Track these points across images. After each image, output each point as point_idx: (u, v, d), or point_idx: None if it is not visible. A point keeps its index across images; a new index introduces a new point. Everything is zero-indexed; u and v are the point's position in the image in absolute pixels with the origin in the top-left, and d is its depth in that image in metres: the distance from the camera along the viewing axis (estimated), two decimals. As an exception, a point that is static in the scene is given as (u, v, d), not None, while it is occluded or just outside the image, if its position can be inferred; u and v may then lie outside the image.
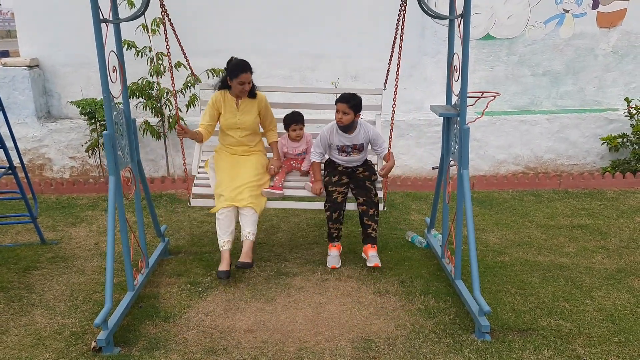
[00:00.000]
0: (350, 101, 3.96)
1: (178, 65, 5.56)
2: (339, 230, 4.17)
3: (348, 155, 4.18)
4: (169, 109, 5.99)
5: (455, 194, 3.63)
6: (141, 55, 5.72)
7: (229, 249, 3.90)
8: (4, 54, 10.01)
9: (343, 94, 4.02)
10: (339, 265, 4.07)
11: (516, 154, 6.45)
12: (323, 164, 4.38)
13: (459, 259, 3.63)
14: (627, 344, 3.11)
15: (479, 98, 4.14)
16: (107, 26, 3.21)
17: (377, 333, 3.26)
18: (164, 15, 3.62)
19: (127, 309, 3.40)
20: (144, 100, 5.80)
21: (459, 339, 3.17)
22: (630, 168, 6.14)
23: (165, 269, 4.10)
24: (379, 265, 3.89)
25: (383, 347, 3.11)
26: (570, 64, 6.48)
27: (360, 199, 4.09)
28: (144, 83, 5.76)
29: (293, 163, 4.43)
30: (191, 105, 5.89)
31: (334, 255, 4.12)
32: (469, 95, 3.41)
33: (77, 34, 5.97)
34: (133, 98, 5.64)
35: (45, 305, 3.59)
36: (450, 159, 3.77)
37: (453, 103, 3.78)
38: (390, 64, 4.22)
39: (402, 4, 3.72)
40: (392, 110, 4.10)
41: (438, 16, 3.58)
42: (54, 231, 4.87)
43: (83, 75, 6.30)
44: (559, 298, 3.62)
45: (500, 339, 3.16)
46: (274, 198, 4.17)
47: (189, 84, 5.77)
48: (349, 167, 4.23)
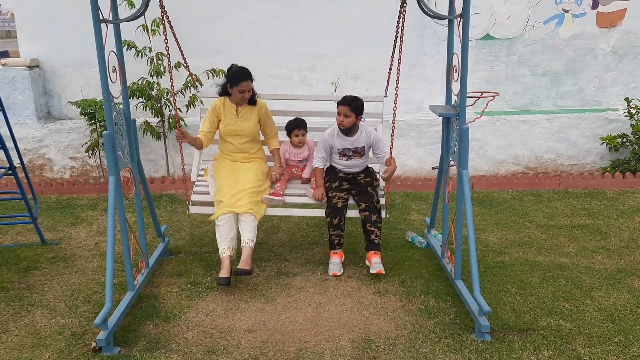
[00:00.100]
0: (352, 104, 3.93)
1: (178, 65, 5.57)
2: (341, 238, 4.08)
3: (349, 159, 4.13)
4: (169, 109, 5.99)
5: (455, 194, 3.63)
6: (141, 56, 5.72)
7: (230, 256, 3.82)
8: (4, 54, 10.03)
9: (345, 97, 3.99)
10: (340, 272, 3.98)
11: (516, 154, 6.46)
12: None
13: (459, 259, 3.63)
14: (627, 343, 3.12)
15: (479, 98, 4.13)
16: (107, 26, 3.21)
17: (378, 333, 3.26)
18: (164, 16, 3.62)
19: (127, 309, 3.40)
20: (144, 101, 5.80)
21: (459, 339, 3.17)
22: (630, 168, 6.14)
23: (165, 269, 4.11)
24: (383, 272, 3.82)
25: (383, 347, 3.12)
26: (570, 64, 6.48)
27: (362, 205, 4.02)
28: (144, 83, 5.77)
29: (294, 170, 4.37)
30: (191, 105, 5.89)
31: (335, 263, 4.02)
32: (468, 95, 3.41)
33: (77, 34, 5.98)
34: (133, 98, 5.64)
35: (46, 305, 3.60)
36: (450, 159, 3.77)
37: (452, 103, 3.78)
38: (390, 71, 4.19)
39: (402, 5, 3.71)
40: (394, 113, 4.04)
41: (437, 16, 3.58)
42: (54, 231, 4.87)
43: (83, 76, 6.30)
44: (559, 298, 3.62)
45: (500, 338, 3.16)
46: (274, 205, 4.12)
47: (189, 84, 5.77)
48: (350, 173, 4.17)
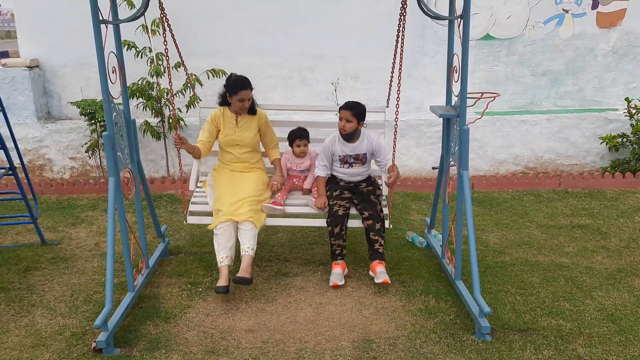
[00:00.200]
0: (354, 108, 3.88)
1: (178, 65, 5.56)
2: (342, 248, 3.91)
3: (350, 166, 4.06)
4: (169, 109, 5.99)
5: (455, 194, 3.63)
6: (141, 56, 5.72)
7: (228, 265, 3.68)
8: (4, 54, 10.03)
9: (347, 102, 3.94)
10: (342, 283, 3.79)
11: (516, 154, 6.46)
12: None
13: (459, 259, 3.63)
14: (628, 343, 3.12)
15: (479, 99, 4.13)
16: (107, 27, 3.21)
17: (378, 333, 3.26)
18: (163, 18, 3.61)
19: (128, 310, 3.40)
20: (144, 101, 5.80)
21: (460, 339, 3.17)
22: (630, 168, 6.14)
23: (165, 270, 4.11)
24: (388, 282, 3.65)
25: (384, 347, 3.12)
26: (570, 64, 6.48)
27: (365, 213, 3.90)
28: (143, 84, 5.76)
29: (296, 181, 4.30)
30: (191, 105, 5.89)
31: (337, 273, 3.83)
32: (468, 96, 3.41)
33: (77, 34, 5.97)
34: (133, 99, 5.64)
35: (46, 305, 3.60)
36: (451, 160, 3.77)
37: (453, 104, 3.78)
38: (391, 79, 4.12)
39: (403, 6, 3.67)
40: (396, 118, 3.92)
41: (438, 17, 3.58)
42: (54, 232, 4.87)
43: (83, 76, 6.30)
44: (560, 298, 3.62)
45: (500, 339, 3.17)
46: (274, 215, 4.03)
47: (189, 85, 5.76)
48: (352, 182, 4.10)
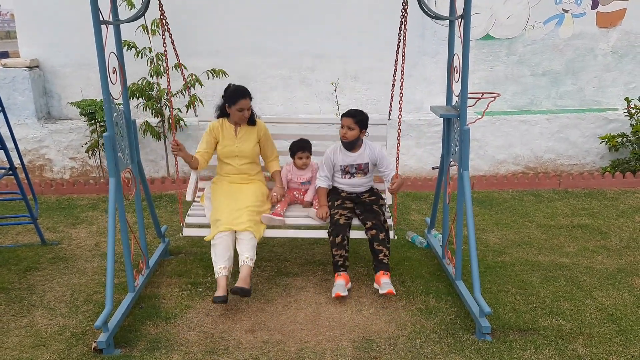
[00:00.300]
0: (356, 116, 3.83)
1: (178, 65, 5.56)
2: (345, 259, 3.72)
3: (352, 177, 3.98)
4: (169, 109, 5.98)
5: (456, 194, 3.63)
6: (141, 56, 5.72)
7: (226, 276, 3.50)
8: (4, 54, 10.03)
9: (349, 109, 3.89)
10: (344, 294, 3.57)
11: (516, 154, 6.46)
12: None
13: (459, 259, 3.63)
14: (628, 343, 3.12)
15: (479, 99, 4.13)
16: (107, 27, 3.21)
17: (378, 333, 3.26)
18: (163, 21, 3.59)
19: (128, 310, 3.40)
20: (144, 101, 5.80)
21: (460, 339, 3.18)
22: (630, 168, 6.14)
23: (165, 270, 4.11)
24: (394, 292, 3.49)
25: (384, 347, 3.12)
26: (570, 64, 6.48)
27: (368, 223, 3.76)
28: (144, 84, 5.76)
29: (296, 194, 4.18)
30: (191, 105, 5.88)
31: (339, 285, 3.63)
32: (469, 96, 3.41)
33: (77, 34, 5.99)
34: (133, 99, 5.64)
35: (46, 305, 3.60)
36: (451, 160, 3.77)
37: (453, 104, 3.78)
38: (393, 92, 4.06)
39: (403, 7, 3.64)
40: (399, 122, 3.81)
41: (438, 17, 3.57)
42: (55, 232, 4.87)
43: (83, 76, 6.30)
44: (560, 298, 3.63)
45: (501, 338, 3.17)
46: (274, 226, 3.88)
47: (189, 85, 5.76)
48: (354, 193, 4.01)
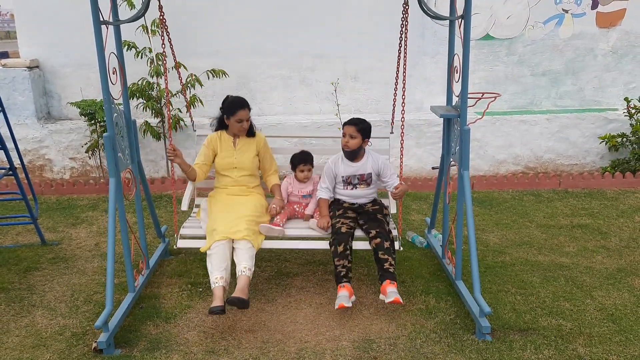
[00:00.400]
0: (358, 124, 3.74)
1: (178, 66, 5.56)
2: (348, 270, 3.50)
3: (354, 187, 3.84)
4: (169, 109, 5.98)
5: (456, 194, 3.63)
6: (141, 56, 5.71)
7: (223, 287, 3.31)
8: (4, 55, 10.02)
9: (352, 118, 3.81)
10: (349, 305, 3.32)
11: (516, 154, 6.46)
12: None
13: (459, 259, 3.63)
14: (628, 343, 3.12)
15: (479, 99, 4.13)
16: (107, 27, 3.21)
17: (378, 333, 3.26)
18: (161, 20, 3.59)
19: (128, 310, 3.40)
20: (144, 101, 5.80)
21: (460, 339, 3.18)
22: (629, 168, 6.14)
23: (166, 270, 4.11)
24: (401, 301, 3.29)
25: (384, 347, 3.12)
26: (570, 64, 6.48)
27: (372, 232, 3.59)
28: (144, 84, 5.76)
29: (296, 207, 4.01)
30: (192, 105, 5.88)
31: (343, 296, 3.37)
32: (469, 96, 3.41)
33: (77, 34, 5.99)
34: (133, 99, 5.64)
35: (46, 306, 3.60)
36: (451, 160, 3.77)
37: (453, 104, 3.78)
38: (395, 105, 3.99)
39: (404, 7, 3.62)
40: (402, 124, 3.77)
41: (438, 17, 3.57)
42: (55, 232, 4.87)
43: (83, 76, 6.30)
44: (560, 298, 3.63)
45: (501, 338, 3.17)
46: (273, 237, 3.71)
47: (189, 85, 5.77)
48: (356, 204, 3.87)
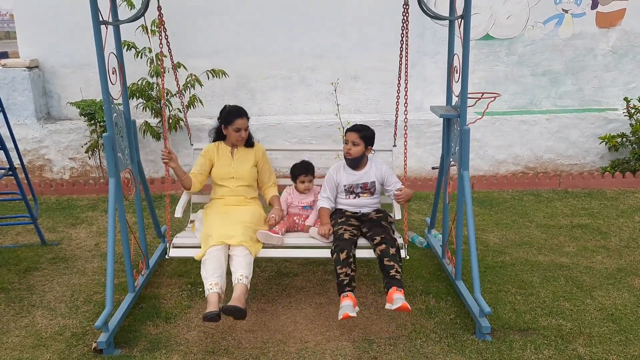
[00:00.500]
0: (361, 131, 3.64)
1: (178, 66, 5.56)
2: (351, 279, 3.27)
3: (357, 197, 3.72)
4: (169, 109, 5.99)
5: (456, 194, 3.63)
6: (141, 56, 5.71)
7: (218, 293, 3.12)
8: (4, 55, 10.03)
9: (354, 124, 3.72)
10: (353, 314, 3.12)
11: (516, 154, 6.46)
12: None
13: (459, 259, 3.63)
14: (628, 343, 3.12)
15: (479, 99, 4.13)
16: (107, 28, 3.21)
17: (378, 333, 3.26)
18: (160, 21, 3.59)
19: (128, 311, 3.40)
20: (144, 101, 5.80)
21: (460, 339, 3.18)
22: (629, 168, 6.14)
23: (165, 270, 4.10)
24: (409, 308, 3.09)
25: (384, 347, 3.12)
26: (570, 64, 6.49)
27: (377, 238, 3.41)
28: (143, 84, 5.76)
29: (296, 219, 3.83)
30: (191, 105, 5.89)
31: (347, 305, 3.16)
32: (469, 96, 3.41)
33: (77, 35, 5.99)
34: (133, 99, 5.64)
35: (46, 306, 3.60)
36: (451, 160, 3.77)
37: (453, 104, 3.78)
38: (397, 116, 3.95)
39: (405, 7, 3.57)
40: (405, 124, 3.64)
41: (438, 17, 3.57)
42: (54, 232, 4.87)
43: (83, 76, 6.30)
44: (560, 298, 3.63)
45: (501, 338, 3.17)
46: (271, 245, 3.54)
47: (189, 85, 5.77)
48: (359, 212, 3.74)
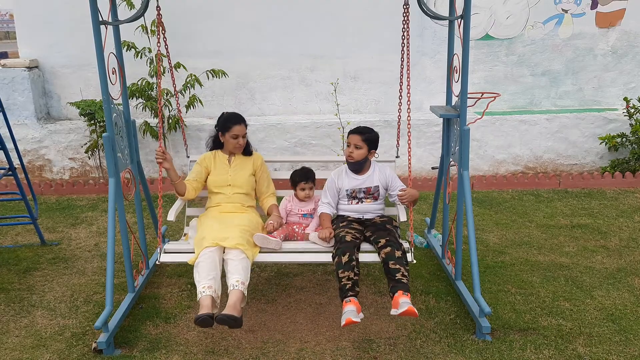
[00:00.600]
0: (364, 133, 3.48)
1: (177, 66, 5.57)
2: (354, 283, 3.09)
3: (360, 202, 3.55)
4: (169, 109, 5.99)
5: (456, 194, 3.64)
6: (140, 56, 5.72)
7: (211, 296, 2.96)
8: (3, 55, 10.03)
9: (357, 126, 3.58)
10: (357, 320, 2.95)
11: (516, 153, 6.46)
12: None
13: (459, 259, 3.63)
14: (628, 343, 3.12)
15: (479, 99, 4.13)
16: (107, 28, 3.21)
17: (378, 333, 3.26)
18: (159, 21, 3.59)
19: (128, 311, 3.40)
20: (144, 101, 5.80)
21: (460, 339, 3.18)
22: (629, 168, 6.15)
23: (165, 270, 4.10)
24: (416, 312, 2.92)
25: (384, 347, 3.12)
26: (570, 64, 6.49)
27: (381, 241, 3.24)
28: (143, 84, 5.76)
29: (296, 228, 3.64)
30: (191, 106, 5.89)
31: (350, 310, 2.99)
32: (469, 96, 3.41)
33: (77, 35, 5.99)
34: (132, 99, 5.65)
35: (46, 306, 3.60)
36: (451, 160, 3.77)
37: (453, 104, 3.78)
38: (400, 125, 3.96)
39: (405, 8, 3.55)
40: (408, 116, 3.49)
41: (438, 17, 3.57)
42: (54, 232, 4.87)
43: (82, 77, 6.30)
44: (560, 297, 3.63)
45: (501, 338, 3.17)
46: (268, 250, 3.35)
47: (189, 85, 5.77)
48: (362, 217, 3.57)
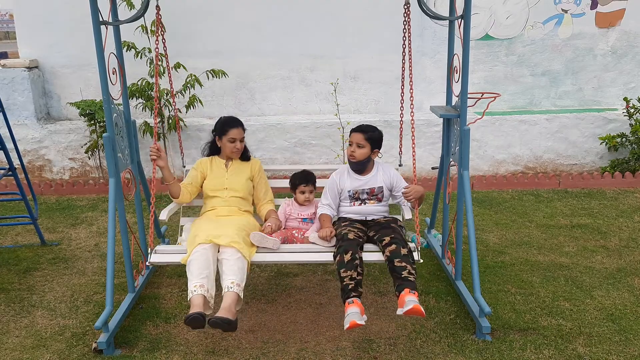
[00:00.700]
0: (367, 132, 3.35)
1: (177, 66, 5.57)
2: (357, 284, 2.97)
3: (363, 203, 3.42)
4: (169, 109, 5.99)
5: (455, 194, 3.64)
6: (141, 57, 5.72)
7: (203, 295, 2.87)
8: (3, 55, 10.03)
9: (360, 124, 3.46)
10: (361, 322, 2.83)
11: (515, 154, 6.46)
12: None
13: (459, 259, 3.64)
14: (628, 343, 3.12)
15: (479, 99, 4.13)
16: (107, 28, 3.21)
17: (378, 333, 3.26)
18: (158, 21, 3.59)
19: (128, 311, 3.40)
20: (144, 101, 5.80)
21: (460, 339, 3.18)
22: (629, 168, 6.15)
23: (165, 270, 4.10)
24: (423, 312, 2.80)
25: (384, 347, 3.12)
26: (569, 64, 6.49)
27: (386, 239, 3.12)
28: (143, 84, 5.76)
29: (295, 233, 3.52)
30: (191, 106, 5.89)
31: (354, 312, 2.87)
32: (469, 96, 3.41)
33: (77, 35, 5.99)
34: (132, 99, 5.65)
35: (46, 306, 3.60)
36: (451, 160, 3.78)
37: (453, 104, 3.78)
38: (402, 133, 3.93)
39: (405, 9, 3.54)
40: (411, 113, 3.44)
41: (438, 17, 3.57)
42: (54, 232, 4.87)
43: (82, 77, 6.30)
44: (559, 297, 3.63)
45: (501, 338, 3.17)
46: (265, 249, 3.22)
47: (189, 85, 5.77)
48: (365, 219, 3.45)
